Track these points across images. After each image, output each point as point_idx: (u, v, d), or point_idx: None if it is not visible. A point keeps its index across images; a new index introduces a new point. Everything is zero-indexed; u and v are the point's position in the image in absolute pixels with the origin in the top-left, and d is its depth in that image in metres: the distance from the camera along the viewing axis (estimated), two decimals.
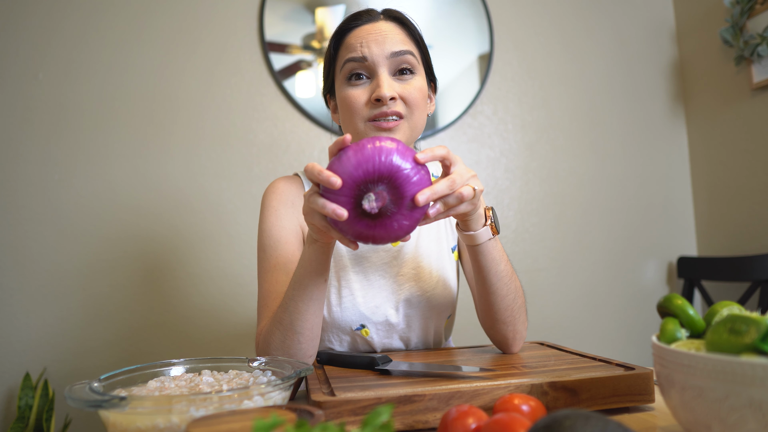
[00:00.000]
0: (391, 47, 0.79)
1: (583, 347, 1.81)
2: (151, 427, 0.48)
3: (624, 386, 0.62)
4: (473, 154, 1.84)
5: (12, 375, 1.42)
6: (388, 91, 0.77)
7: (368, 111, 0.79)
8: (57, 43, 1.52)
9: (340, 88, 0.82)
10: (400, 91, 0.79)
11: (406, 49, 0.80)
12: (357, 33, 0.81)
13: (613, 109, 1.99)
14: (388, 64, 0.79)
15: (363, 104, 0.79)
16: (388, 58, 0.79)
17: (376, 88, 0.78)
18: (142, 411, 0.48)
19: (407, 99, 0.79)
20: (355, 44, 0.80)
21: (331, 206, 0.59)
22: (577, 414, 0.38)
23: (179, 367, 0.64)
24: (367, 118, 0.79)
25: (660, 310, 0.56)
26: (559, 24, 1.96)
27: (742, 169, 1.82)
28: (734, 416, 0.40)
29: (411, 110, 0.80)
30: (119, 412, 0.49)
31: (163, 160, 1.57)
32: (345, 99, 0.80)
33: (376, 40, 0.79)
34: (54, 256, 1.47)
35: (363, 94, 0.79)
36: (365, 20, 0.82)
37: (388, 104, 0.78)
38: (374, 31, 0.80)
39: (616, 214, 1.95)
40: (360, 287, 0.89)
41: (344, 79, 0.81)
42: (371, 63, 0.79)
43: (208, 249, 1.58)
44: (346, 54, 0.81)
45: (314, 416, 0.43)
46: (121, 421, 0.49)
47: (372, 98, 0.78)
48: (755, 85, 1.72)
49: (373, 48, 0.79)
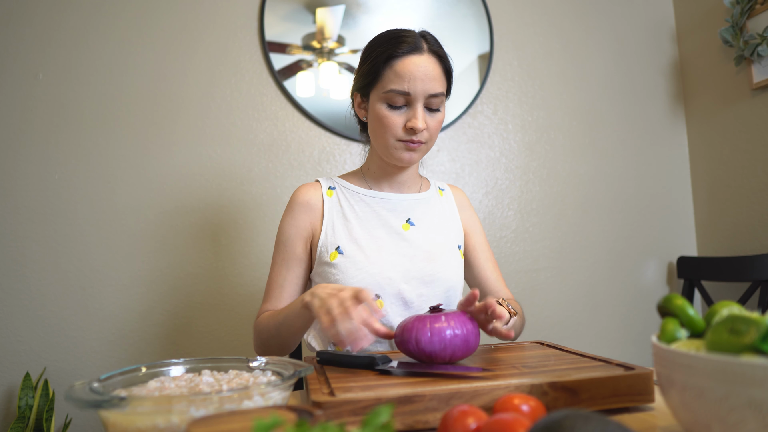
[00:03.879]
0: (430, 89, 0.94)
1: (583, 347, 1.81)
2: (151, 427, 0.48)
3: (624, 386, 0.62)
4: (473, 154, 1.84)
5: (12, 375, 1.42)
6: (422, 124, 0.95)
7: (401, 133, 0.96)
8: (57, 42, 1.52)
9: (379, 106, 0.97)
10: (427, 124, 0.96)
11: (440, 92, 0.96)
12: (404, 64, 0.94)
13: (613, 109, 1.99)
14: (424, 100, 0.95)
15: (398, 126, 0.96)
16: (425, 96, 0.95)
17: (412, 118, 0.95)
18: (142, 411, 0.48)
19: (431, 130, 0.98)
20: (403, 77, 0.94)
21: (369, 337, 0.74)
22: (577, 414, 0.38)
23: (179, 367, 0.64)
24: (398, 138, 0.97)
25: (660, 310, 0.56)
26: (559, 24, 1.96)
27: (741, 169, 1.82)
28: (734, 416, 0.40)
29: (431, 137, 0.99)
30: (119, 413, 0.49)
31: (164, 160, 1.57)
32: (384, 118, 0.96)
33: (420, 79, 0.94)
34: (54, 256, 1.47)
35: (400, 119, 0.96)
36: (412, 50, 0.95)
37: (417, 134, 0.95)
38: (419, 68, 0.94)
39: (616, 214, 1.95)
40: (374, 257, 0.99)
41: (385, 101, 0.96)
42: (413, 97, 0.94)
43: (208, 249, 1.58)
44: (392, 79, 0.94)
45: (314, 416, 0.43)
46: (120, 421, 0.49)
47: (407, 126, 0.95)
48: (755, 85, 1.72)
49: (418, 86, 0.94)
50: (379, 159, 1.05)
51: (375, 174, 1.07)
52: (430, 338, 0.71)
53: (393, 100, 0.95)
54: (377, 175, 1.07)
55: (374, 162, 1.07)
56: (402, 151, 0.98)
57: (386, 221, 1.04)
